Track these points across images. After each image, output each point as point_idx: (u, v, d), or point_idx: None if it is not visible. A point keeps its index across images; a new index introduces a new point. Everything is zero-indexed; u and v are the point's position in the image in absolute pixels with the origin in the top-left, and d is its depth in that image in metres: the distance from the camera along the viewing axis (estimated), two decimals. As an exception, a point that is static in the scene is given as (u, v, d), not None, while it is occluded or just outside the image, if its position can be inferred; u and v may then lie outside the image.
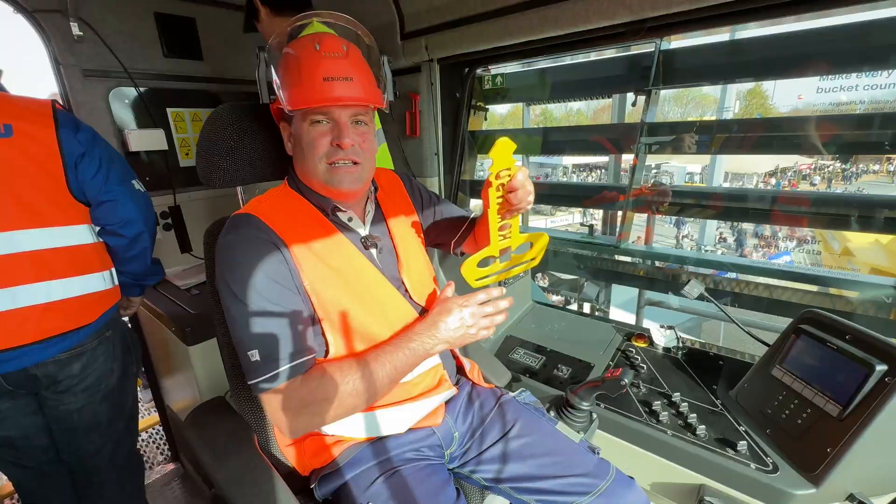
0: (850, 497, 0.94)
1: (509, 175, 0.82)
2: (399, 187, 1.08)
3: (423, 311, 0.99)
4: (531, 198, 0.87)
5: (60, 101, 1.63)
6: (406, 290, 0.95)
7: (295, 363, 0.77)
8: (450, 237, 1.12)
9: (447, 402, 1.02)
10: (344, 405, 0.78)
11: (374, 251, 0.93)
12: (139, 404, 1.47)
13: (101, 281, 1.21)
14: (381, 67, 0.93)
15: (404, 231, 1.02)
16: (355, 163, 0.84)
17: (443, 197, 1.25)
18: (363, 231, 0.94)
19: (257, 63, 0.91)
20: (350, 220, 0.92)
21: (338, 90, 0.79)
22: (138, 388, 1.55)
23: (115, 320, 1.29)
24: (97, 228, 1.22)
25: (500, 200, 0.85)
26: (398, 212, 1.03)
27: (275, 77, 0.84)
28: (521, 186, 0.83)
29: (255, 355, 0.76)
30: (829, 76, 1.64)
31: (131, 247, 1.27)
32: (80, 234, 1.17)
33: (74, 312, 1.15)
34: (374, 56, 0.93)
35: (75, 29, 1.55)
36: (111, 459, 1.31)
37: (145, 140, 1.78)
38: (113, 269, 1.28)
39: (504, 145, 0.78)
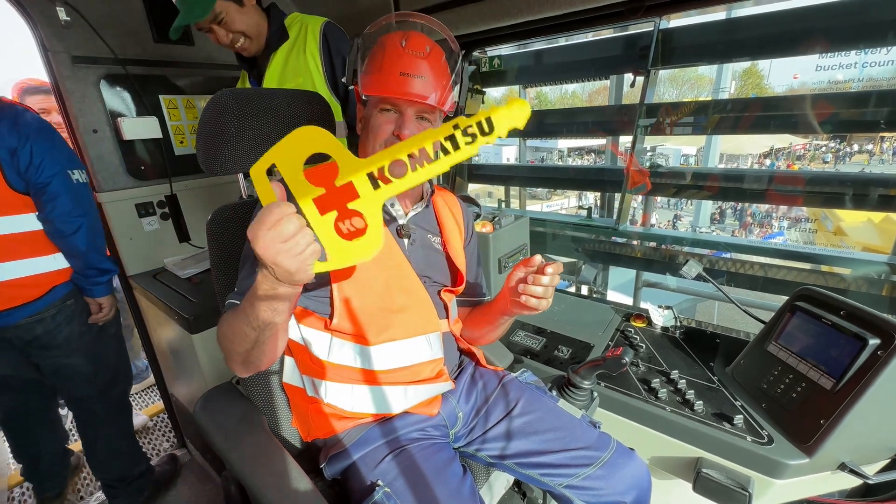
0: (842, 466, 0.98)
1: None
2: (458, 210, 1.11)
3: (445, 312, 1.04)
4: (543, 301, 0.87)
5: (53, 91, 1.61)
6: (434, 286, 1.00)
7: (230, 301, 0.80)
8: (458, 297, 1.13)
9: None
10: (229, 350, 0.76)
11: (406, 241, 0.96)
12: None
13: (52, 261, 1.37)
14: (461, 75, 0.96)
15: (447, 236, 1.05)
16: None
17: (442, 182, 1.25)
18: (401, 220, 0.96)
19: (351, 47, 0.96)
20: (392, 205, 0.96)
21: (410, 86, 0.84)
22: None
23: (74, 292, 1.44)
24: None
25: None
26: (448, 226, 1.06)
27: (359, 62, 0.91)
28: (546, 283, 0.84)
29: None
30: (829, 54, 1.63)
31: (63, 233, 1.32)
32: (29, 222, 1.30)
33: (32, 287, 1.34)
34: (455, 61, 0.95)
35: (62, 14, 1.50)
36: (102, 401, 1.58)
37: (139, 128, 1.75)
38: None
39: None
